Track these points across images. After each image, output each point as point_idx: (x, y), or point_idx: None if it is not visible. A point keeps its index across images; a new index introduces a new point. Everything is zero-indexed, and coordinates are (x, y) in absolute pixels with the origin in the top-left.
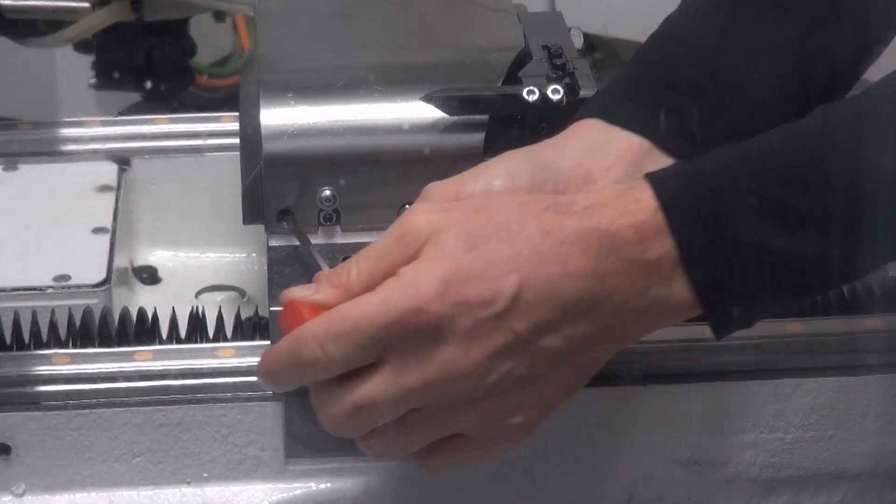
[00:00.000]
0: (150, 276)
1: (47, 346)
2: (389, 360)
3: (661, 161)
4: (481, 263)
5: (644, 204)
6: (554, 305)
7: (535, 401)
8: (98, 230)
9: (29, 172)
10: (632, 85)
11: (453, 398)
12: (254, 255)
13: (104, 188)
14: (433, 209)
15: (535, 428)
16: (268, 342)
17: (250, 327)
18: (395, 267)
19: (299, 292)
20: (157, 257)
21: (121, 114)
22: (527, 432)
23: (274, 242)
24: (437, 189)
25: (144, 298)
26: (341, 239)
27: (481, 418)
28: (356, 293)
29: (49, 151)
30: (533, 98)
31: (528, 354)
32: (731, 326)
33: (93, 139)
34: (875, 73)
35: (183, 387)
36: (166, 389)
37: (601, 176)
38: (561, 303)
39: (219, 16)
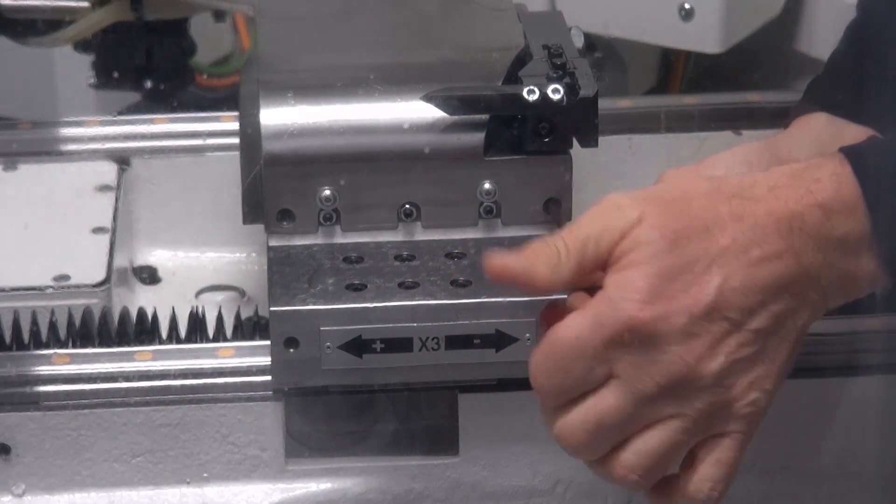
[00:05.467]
0: (149, 275)
1: (47, 346)
2: (618, 373)
3: None
4: (684, 261)
5: (824, 184)
6: (757, 288)
7: (759, 380)
8: (98, 230)
9: (29, 172)
10: (852, 76)
11: (687, 394)
12: (254, 255)
13: (104, 188)
14: (632, 196)
15: (765, 411)
16: (268, 342)
17: (250, 327)
18: (603, 254)
19: (509, 260)
20: (156, 257)
21: (120, 113)
22: (760, 416)
23: (274, 242)
24: (672, 174)
25: (144, 298)
26: (341, 239)
27: (717, 409)
28: (566, 279)
29: (49, 151)
30: (533, 98)
31: (743, 337)
32: None
33: (92, 139)
34: None
35: (183, 387)
36: (166, 389)
37: None
38: (763, 285)
39: (219, 15)
